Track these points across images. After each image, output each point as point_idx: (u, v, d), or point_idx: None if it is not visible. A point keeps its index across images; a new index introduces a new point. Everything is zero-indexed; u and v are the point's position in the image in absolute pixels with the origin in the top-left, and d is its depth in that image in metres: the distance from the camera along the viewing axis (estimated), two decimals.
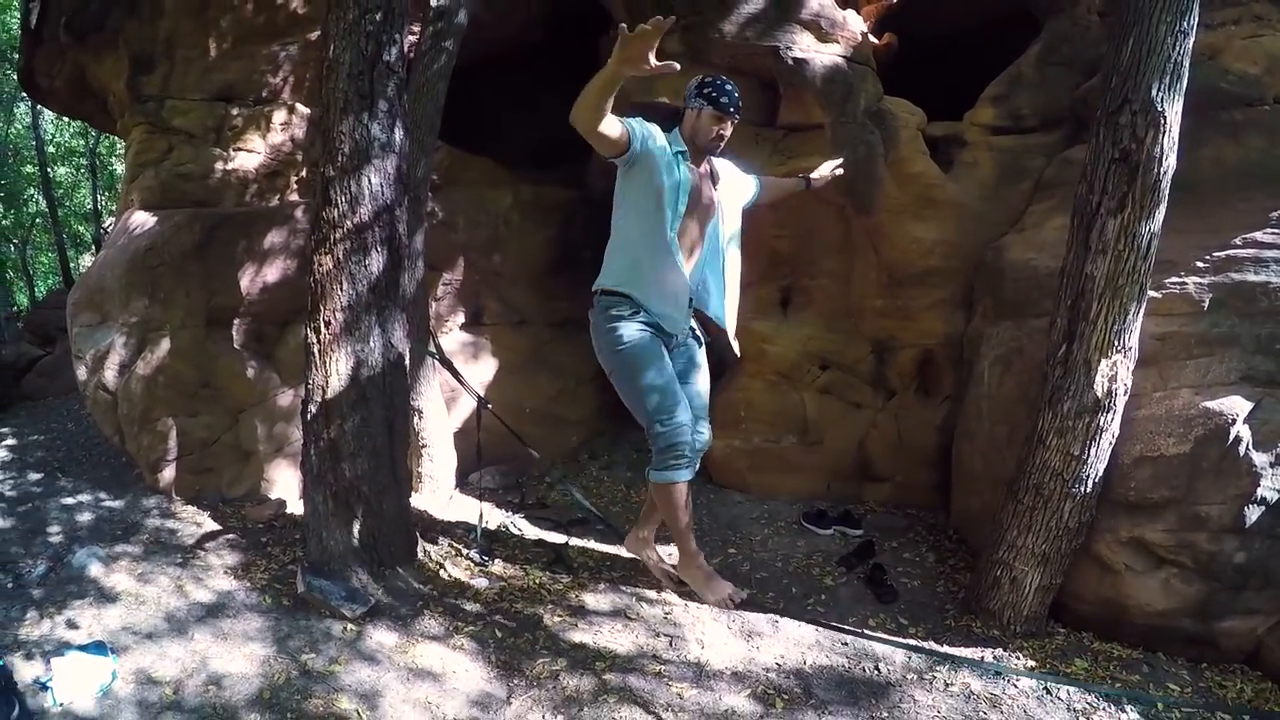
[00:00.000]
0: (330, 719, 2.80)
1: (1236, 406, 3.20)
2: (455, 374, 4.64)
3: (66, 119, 11.79)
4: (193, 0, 4.62)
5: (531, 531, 4.58)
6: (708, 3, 4.51)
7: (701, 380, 3.13)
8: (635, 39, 2.32)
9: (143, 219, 4.57)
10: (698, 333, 3.08)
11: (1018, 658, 3.30)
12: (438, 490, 4.89)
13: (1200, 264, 3.46)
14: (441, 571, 3.91)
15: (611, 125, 2.60)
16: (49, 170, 13.42)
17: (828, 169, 3.50)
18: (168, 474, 4.50)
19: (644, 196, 2.74)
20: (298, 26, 4.75)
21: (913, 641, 3.40)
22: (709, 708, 2.96)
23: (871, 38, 4.74)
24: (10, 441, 5.91)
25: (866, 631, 3.48)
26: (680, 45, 4.59)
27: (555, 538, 4.45)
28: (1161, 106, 3.03)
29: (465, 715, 2.88)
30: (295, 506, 4.51)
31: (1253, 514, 3.15)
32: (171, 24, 4.61)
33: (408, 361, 3.94)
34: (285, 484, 4.72)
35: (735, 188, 3.07)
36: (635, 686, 3.07)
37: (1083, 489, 3.29)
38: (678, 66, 2.49)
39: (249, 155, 4.74)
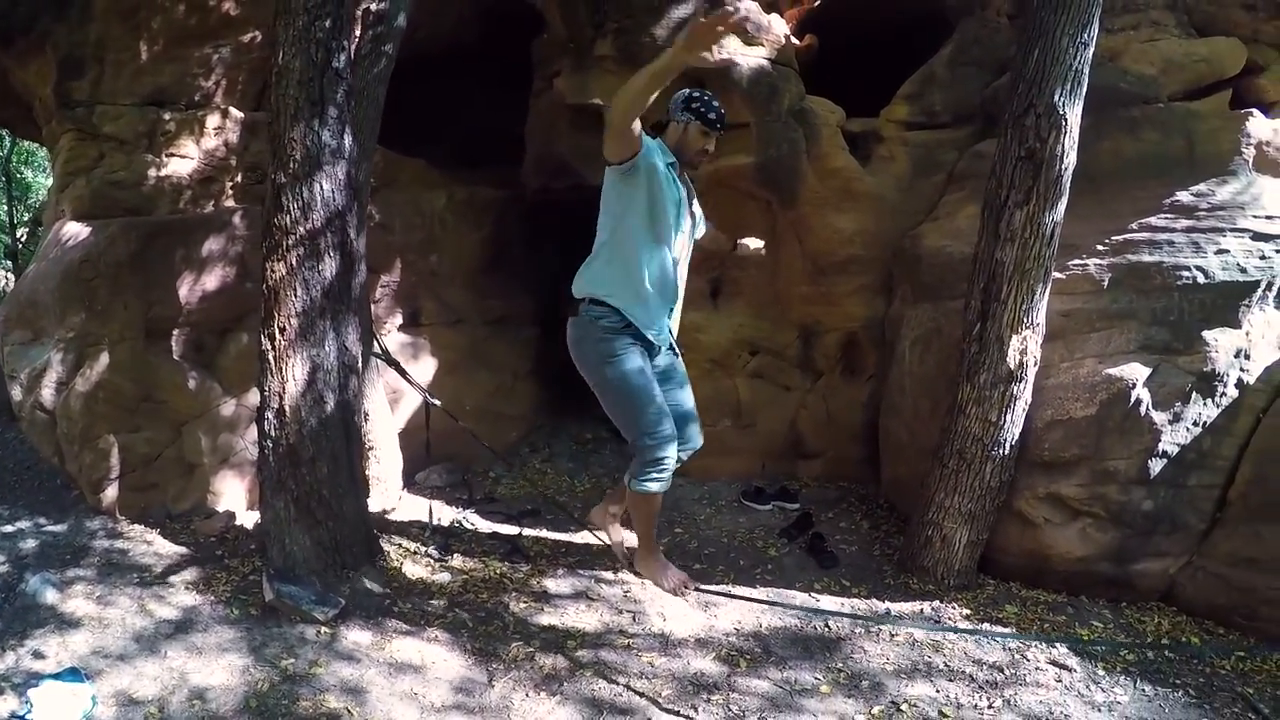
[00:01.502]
0: (322, 719, 2.87)
1: (1136, 372, 3.60)
2: (404, 374, 4.68)
3: None
4: (124, 2, 4.47)
5: (484, 525, 4.69)
6: (640, 6, 4.68)
7: (684, 390, 3.22)
8: (705, 26, 2.33)
9: (75, 230, 4.42)
10: (674, 344, 3.17)
11: (953, 608, 3.62)
12: (386, 491, 4.92)
13: (1100, 247, 3.83)
14: (403, 570, 3.99)
15: (637, 124, 2.59)
16: None
17: (754, 245, 3.81)
18: (110, 493, 4.38)
19: (642, 206, 2.76)
20: (230, 28, 4.65)
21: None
22: (679, 672, 3.18)
23: (794, 39, 4.98)
24: None
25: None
26: (612, 48, 4.74)
27: (508, 529, 4.58)
28: (1063, 110, 3.39)
29: (451, 701, 3.00)
30: (244, 517, 4.49)
31: (1156, 466, 3.56)
32: (102, 27, 4.46)
33: (360, 364, 3.98)
34: (232, 495, 4.66)
35: (698, 209, 3.11)
36: (608, 660, 3.26)
37: (1001, 452, 3.64)
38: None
39: (182, 161, 4.62)
